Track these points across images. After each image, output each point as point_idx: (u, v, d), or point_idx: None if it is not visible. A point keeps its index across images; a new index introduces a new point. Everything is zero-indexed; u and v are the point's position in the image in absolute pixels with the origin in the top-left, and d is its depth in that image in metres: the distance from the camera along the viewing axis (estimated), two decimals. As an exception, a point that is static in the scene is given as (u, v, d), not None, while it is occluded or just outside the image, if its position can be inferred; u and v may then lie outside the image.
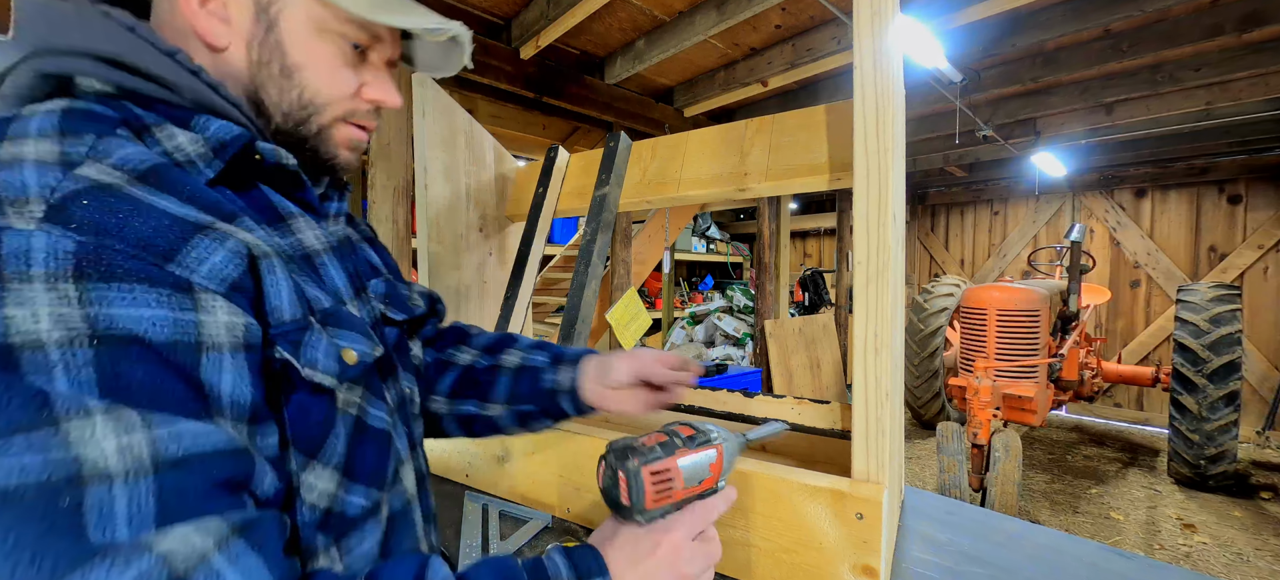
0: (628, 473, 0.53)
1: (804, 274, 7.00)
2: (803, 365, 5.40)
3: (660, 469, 0.54)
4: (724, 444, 0.60)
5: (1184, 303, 4.18)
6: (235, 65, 0.53)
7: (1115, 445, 5.43)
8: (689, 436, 0.58)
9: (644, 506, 0.53)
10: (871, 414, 0.81)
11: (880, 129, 0.80)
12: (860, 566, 0.77)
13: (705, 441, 0.58)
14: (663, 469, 0.54)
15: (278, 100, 0.55)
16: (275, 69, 0.54)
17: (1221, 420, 3.90)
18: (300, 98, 0.55)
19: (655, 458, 0.54)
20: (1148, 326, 6.16)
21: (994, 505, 3.07)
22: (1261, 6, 2.82)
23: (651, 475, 0.53)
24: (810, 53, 3.30)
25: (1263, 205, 5.52)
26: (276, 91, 0.55)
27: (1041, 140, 4.85)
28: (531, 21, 2.98)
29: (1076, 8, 2.89)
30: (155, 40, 0.48)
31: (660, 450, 0.55)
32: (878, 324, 0.81)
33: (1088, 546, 1.00)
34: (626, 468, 0.53)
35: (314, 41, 0.55)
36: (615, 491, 0.54)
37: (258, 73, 0.54)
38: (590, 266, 1.25)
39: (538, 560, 0.51)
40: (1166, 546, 3.46)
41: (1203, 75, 3.51)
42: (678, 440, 0.57)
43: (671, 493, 0.55)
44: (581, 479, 1.08)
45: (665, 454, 0.55)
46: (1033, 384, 3.80)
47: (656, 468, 0.54)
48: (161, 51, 0.48)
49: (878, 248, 0.80)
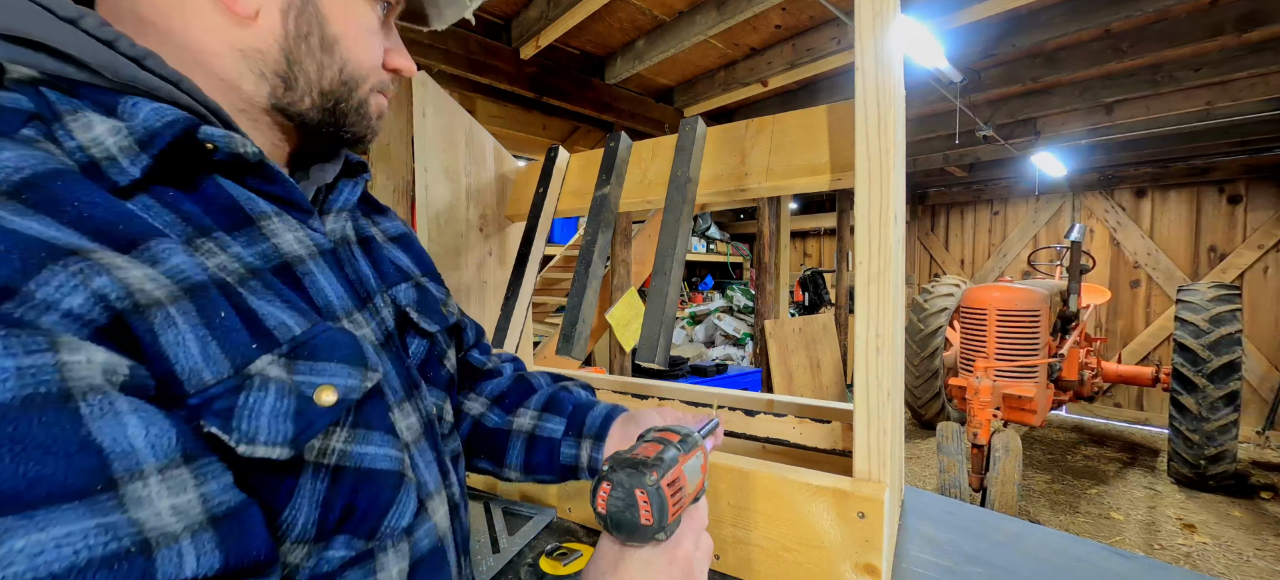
0: (648, 489, 0.47)
1: (804, 274, 7.01)
2: (803, 365, 5.41)
3: (673, 479, 0.49)
4: (704, 442, 0.58)
5: (1184, 303, 4.18)
6: (263, 38, 0.46)
7: (1115, 445, 5.43)
8: (679, 441, 0.54)
9: (665, 523, 0.48)
10: (873, 413, 0.81)
11: (882, 129, 0.80)
12: (862, 565, 0.77)
13: (694, 444, 0.55)
14: (675, 479, 0.50)
15: (316, 77, 0.49)
16: (315, 41, 0.48)
17: (1221, 420, 3.90)
18: (341, 72, 0.50)
19: (667, 468, 0.50)
20: (1148, 326, 6.17)
21: (994, 505, 3.07)
22: (1261, 6, 2.82)
23: (669, 488, 0.48)
24: (810, 53, 3.30)
25: (1263, 205, 5.53)
26: (314, 67, 0.49)
27: (1041, 140, 4.85)
28: (532, 21, 2.98)
29: (1076, 8, 2.89)
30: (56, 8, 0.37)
31: (666, 460, 0.50)
32: (879, 323, 0.81)
33: (1088, 546, 1.01)
34: (645, 484, 0.47)
35: (351, 6, 0.50)
36: (632, 513, 0.47)
37: (294, 47, 0.47)
38: (590, 267, 1.25)
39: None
40: (1166, 546, 3.46)
41: (1203, 75, 3.52)
42: (672, 446, 0.53)
43: (682, 502, 0.50)
44: (583, 480, 1.08)
45: (671, 463, 0.50)
46: (1033, 384, 3.81)
47: (670, 478, 0.49)
48: (62, 18, 0.37)
49: (879, 247, 0.80)
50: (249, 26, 0.45)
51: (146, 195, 0.38)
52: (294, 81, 0.48)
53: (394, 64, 0.56)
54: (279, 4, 0.46)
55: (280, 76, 0.47)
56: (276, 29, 0.46)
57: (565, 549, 0.91)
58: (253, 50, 0.46)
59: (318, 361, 0.41)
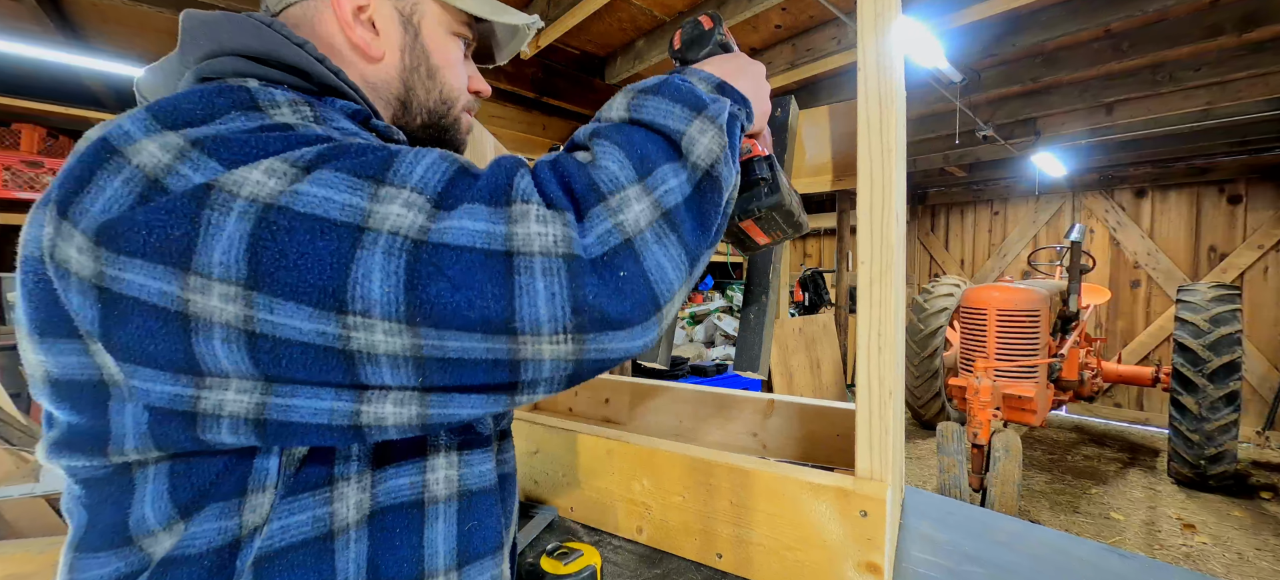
0: (715, 18, 0.66)
1: (804, 274, 7.00)
2: (803, 365, 5.40)
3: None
4: None
5: (1184, 303, 4.18)
6: (388, 72, 0.59)
7: (1115, 445, 5.43)
8: None
9: (732, 46, 0.67)
10: (875, 412, 0.81)
11: (883, 129, 0.80)
12: (864, 564, 0.77)
13: None
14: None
15: (424, 99, 0.62)
16: (423, 71, 0.61)
17: (1221, 420, 3.90)
18: (442, 94, 0.63)
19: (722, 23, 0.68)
20: (1148, 326, 6.17)
21: (994, 505, 3.07)
22: (1261, 6, 2.82)
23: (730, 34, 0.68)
24: (810, 53, 3.30)
25: (1263, 205, 5.53)
26: (423, 91, 0.62)
27: (1041, 140, 4.85)
28: (532, 21, 2.98)
29: (1076, 8, 2.89)
30: (288, 34, 0.51)
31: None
32: (881, 323, 0.81)
33: (1088, 546, 1.01)
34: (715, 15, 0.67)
35: (445, 43, 0.62)
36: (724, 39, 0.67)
37: (409, 76, 0.60)
38: (592, 266, 1.25)
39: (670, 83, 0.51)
40: (1166, 546, 3.46)
41: (1203, 75, 3.52)
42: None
43: None
44: (584, 480, 1.08)
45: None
46: (1033, 384, 3.81)
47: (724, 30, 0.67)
48: (293, 43, 0.51)
49: (881, 247, 0.80)
50: (378, 65, 0.59)
51: None
52: (409, 104, 0.61)
53: (475, 87, 0.68)
54: (398, 45, 0.59)
55: (400, 100, 0.61)
56: (397, 64, 0.60)
57: (566, 548, 0.91)
58: (382, 83, 0.59)
59: None
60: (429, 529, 0.50)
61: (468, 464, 0.54)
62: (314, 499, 0.44)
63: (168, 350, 0.35)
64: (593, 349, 0.38)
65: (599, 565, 0.86)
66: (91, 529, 0.42)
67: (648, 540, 1.01)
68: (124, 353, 0.36)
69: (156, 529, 0.41)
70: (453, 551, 0.51)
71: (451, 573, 0.51)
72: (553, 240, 0.37)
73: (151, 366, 0.36)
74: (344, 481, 0.46)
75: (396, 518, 0.48)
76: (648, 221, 0.40)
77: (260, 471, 0.42)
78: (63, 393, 0.40)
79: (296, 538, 0.44)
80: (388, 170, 0.38)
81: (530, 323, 0.36)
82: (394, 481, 0.49)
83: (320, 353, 0.35)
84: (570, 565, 0.86)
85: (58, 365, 0.39)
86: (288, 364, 0.35)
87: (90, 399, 0.39)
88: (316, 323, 0.34)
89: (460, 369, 0.37)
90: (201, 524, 0.41)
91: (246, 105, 0.42)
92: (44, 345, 0.39)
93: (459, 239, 0.35)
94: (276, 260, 0.34)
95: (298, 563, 0.43)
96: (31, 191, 2.99)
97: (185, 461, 0.41)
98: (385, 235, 0.35)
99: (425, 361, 0.36)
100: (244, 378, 0.36)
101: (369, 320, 0.34)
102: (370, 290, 0.34)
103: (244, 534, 0.42)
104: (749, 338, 0.85)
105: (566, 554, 0.89)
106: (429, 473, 0.51)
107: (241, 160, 0.36)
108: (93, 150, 0.37)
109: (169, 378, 0.36)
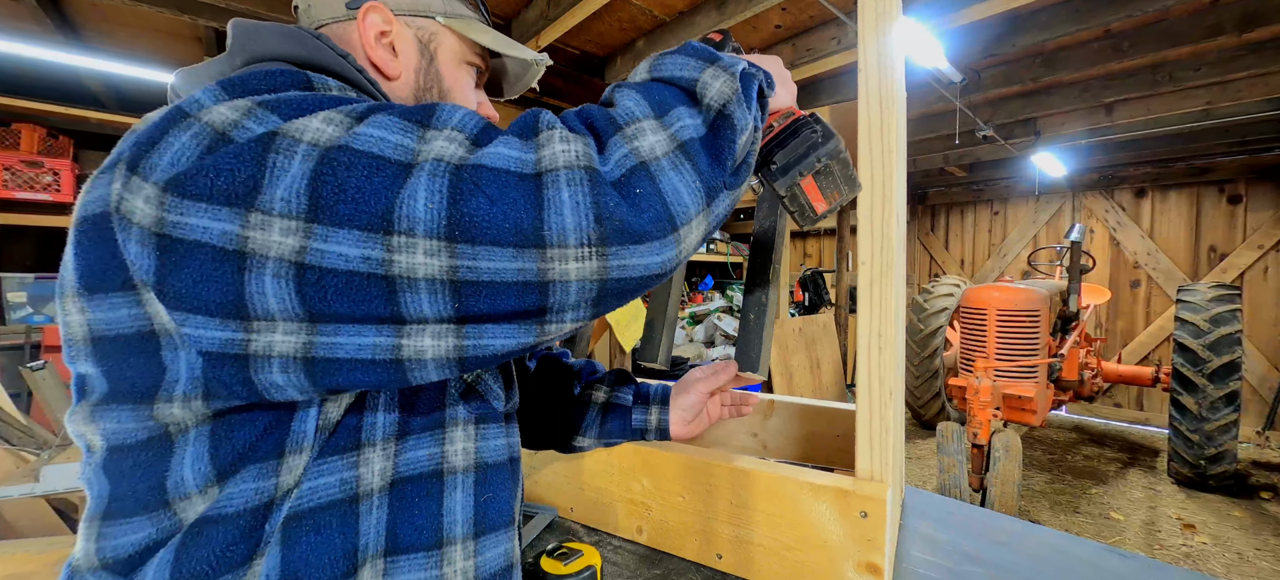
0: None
1: (804, 274, 7.00)
2: (803, 365, 5.41)
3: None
4: None
5: (1184, 303, 4.18)
6: (402, 91, 0.64)
7: (1115, 445, 5.43)
8: None
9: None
10: (875, 412, 0.81)
11: (884, 130, 0.80)
12: (865, 564, 0.77)
13: None
14: None
15: None
16: (434, 93, 0.66)
17: (1221, 420, 3.90)
18: None
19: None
20: (1148, 326, 6.17)
21: (994, 505, 3.07)
22: (1261, 6, 2.82)
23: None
24: (810, 53, 3.30)
25: (1263, 205, 5.53)
26: None
27: (1041, 140, 4.85)
28: (532, 21, 2.98)
29: (1076, 8, 2.89)
30: (332, 44, 0.57)
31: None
32: (882, 322, 0.81)
33: (1088, 546, 1.01)
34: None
35: (458, 71, 0.67)
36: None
37: (422, 95, 0.65)
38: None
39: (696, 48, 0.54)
40: (1166, 546, 3.46)
41: (1203, 75, 3.52)
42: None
43: None
44: (584, 480, 1.08)
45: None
46: (1033, 384, 3.81)
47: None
48: (337, 53, 0.57)
49: (882, 247, 0.80)
50: (393, 83, 0.63)
51: None
52: None
53: (485, 113, 0.71)
54: (413, 67, 0.64)
55: None
56: (411, 83, 0.65)
57: (566, 549, 0.91)
58: (396, 99, 0.63)
59: None
60: (448, 497, 0.54)
61: (484, 437, 0.58)
62: (342, 462, 0.48)
63: (219, 294, 0.38)
64: (615, 265, 0.41)
65: (599, 565, 0.86)
66: (120, 496, 0.44)
67: (648, 540, 1.01)
68: (177, 300, 0.39)
69: (193, 491, 0.43)
70: (470, 520, 0.55)
71: (469, 541, 0.55)
72: (575, 155, 0.41)
73: (203, 312, 0.39)
74: (370, 447, 0.49)
75: (416, 487, 0.52)
76: (663, 150, 0.44)
77: (298, 433, 0.45)
78: (107, 350, 0.43)
79: (324, 499, 0.47)
80: (432, 116, 0.43)
81: (557, 233, 0.39)
82: (414, 453, 0.52)
83: (363, 281, 0.38)
84: (570, 565, 0.86)
85: (105, 320, 0.42)
86: (332, 296, 0.38)
87: (138, 350, 0.42)
88: (363, 247, 0.38)
89: (493, 294, 0.39)
90: (239, 484, 0.43)
91: (303, 85, 0.48)
92: (93, 301, 0.42)
93: (496, 162, 0.40)
94: (336, 194, 0.38)
95: (324, 523, 0.46)
96: (31, 191, 2.99)
97: (226, 423, 0.44)
98: (430, 161, 0.39)
99: (460, 285, 0.39)
100: (290, 318, 0.39)
101: (412, 239, 0.37)
102: (415, 209, 0.38)
103: (279, 495, 0.44)
104: (749, 338, 0.85)
105: (566, 554, 0.89)
106: (448, 444, 0.54)
107: (300, 114, 0.41)
108: (165, 116, 0.41)
109: (219, 323, 0.39)
